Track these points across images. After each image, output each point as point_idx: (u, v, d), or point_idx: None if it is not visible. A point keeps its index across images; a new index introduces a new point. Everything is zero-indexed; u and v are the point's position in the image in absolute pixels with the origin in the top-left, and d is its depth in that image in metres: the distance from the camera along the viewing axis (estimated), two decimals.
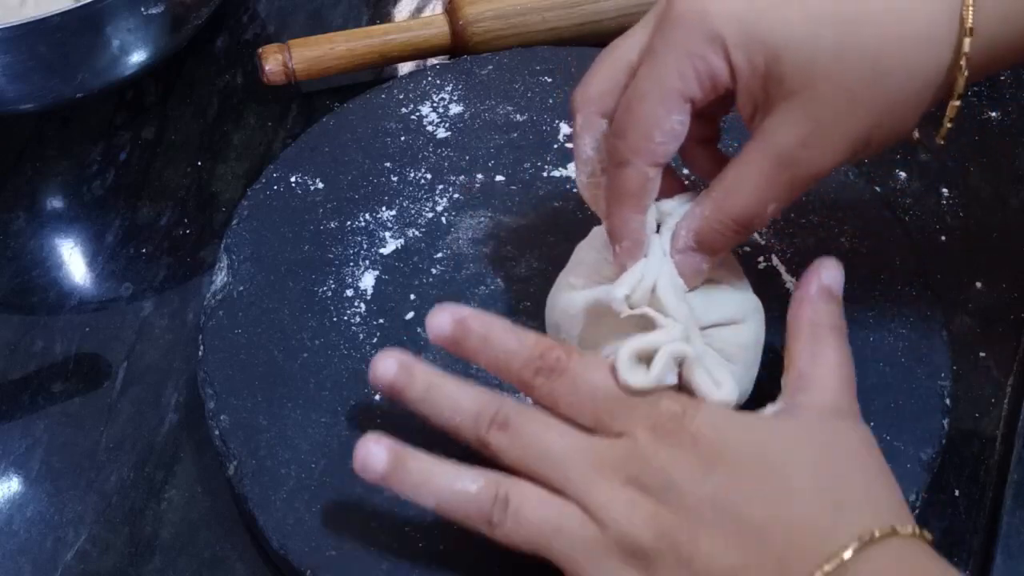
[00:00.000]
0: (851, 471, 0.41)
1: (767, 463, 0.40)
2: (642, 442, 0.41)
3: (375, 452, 0.43)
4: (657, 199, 0.46)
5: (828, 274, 0.45)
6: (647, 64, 0.43)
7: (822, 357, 0.43)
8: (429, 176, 0.59)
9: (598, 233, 0.49)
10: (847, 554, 0.38)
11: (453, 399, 0.44)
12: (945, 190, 0.62)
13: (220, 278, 0.55)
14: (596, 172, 0.47)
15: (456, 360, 0.52)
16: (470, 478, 0.43)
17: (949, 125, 0.44)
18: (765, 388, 0.46)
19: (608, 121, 0.46)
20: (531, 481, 0.43)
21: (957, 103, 0.43)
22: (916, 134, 0.44)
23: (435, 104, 0.62)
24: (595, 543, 0.41)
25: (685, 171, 0.55)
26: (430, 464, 0.43)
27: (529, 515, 0.42)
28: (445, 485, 0.43)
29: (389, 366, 0.44)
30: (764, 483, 0.40)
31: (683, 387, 0.44)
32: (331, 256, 0.56)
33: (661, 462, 0.41)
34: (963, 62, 0.41)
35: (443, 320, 0.45)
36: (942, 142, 0.45)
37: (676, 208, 0.46)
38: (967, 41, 0.41)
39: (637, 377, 0.43)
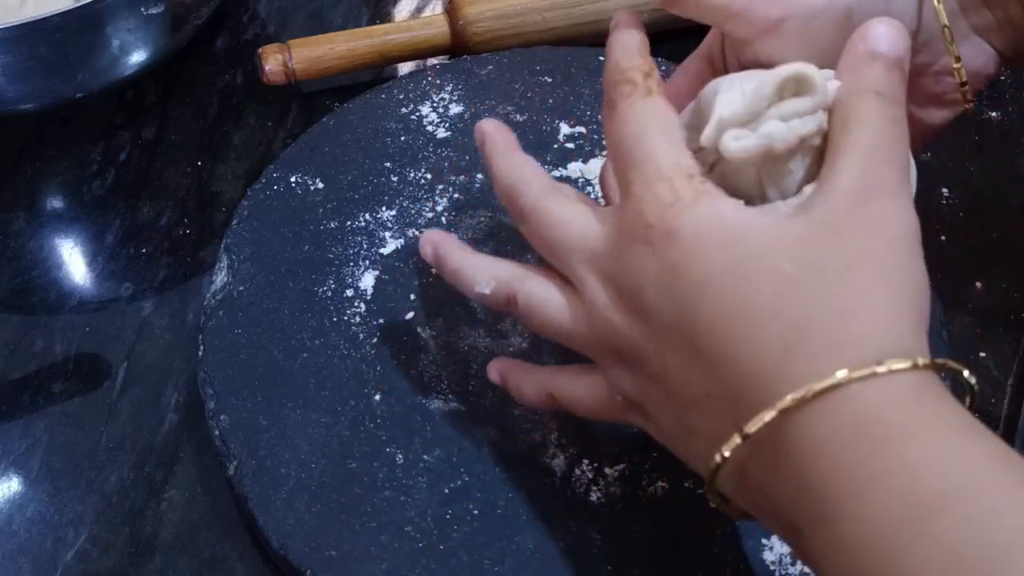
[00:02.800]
0: (839, 288, 0.36)
1: (735, 281, 0.37)
2: (625, 233, 0.40)
3: (422, 245, 0.47)
4: None
5: (876, 34, 0.39)
6: None
7: (852, 126, 0.38)
8: (429, 176, 0.59)
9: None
10: (782, 404, 0.34)
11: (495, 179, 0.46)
12: (945, 190, 0.62)
13: (220, 278, 0.55)
14: None
15: (456, 360, 0.52)
16: (484, 281, 0.45)
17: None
18: None
19: None
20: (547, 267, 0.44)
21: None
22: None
23: (435, 104, 0.62)
24: (591, 340, 0.42)
25: None
26: (458, 264, 0.46)
27: (536, 311, 0.43)
28: (467, 287, 0.46)
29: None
30: (725, 307, 0.37)
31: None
32: (331, 256, 0.56)
33: (633, 265, 0.39)
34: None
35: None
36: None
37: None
38: None
39: (737, 143, 0.38)
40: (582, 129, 0.61)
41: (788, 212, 0.38)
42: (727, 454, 0.36)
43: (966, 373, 0.36)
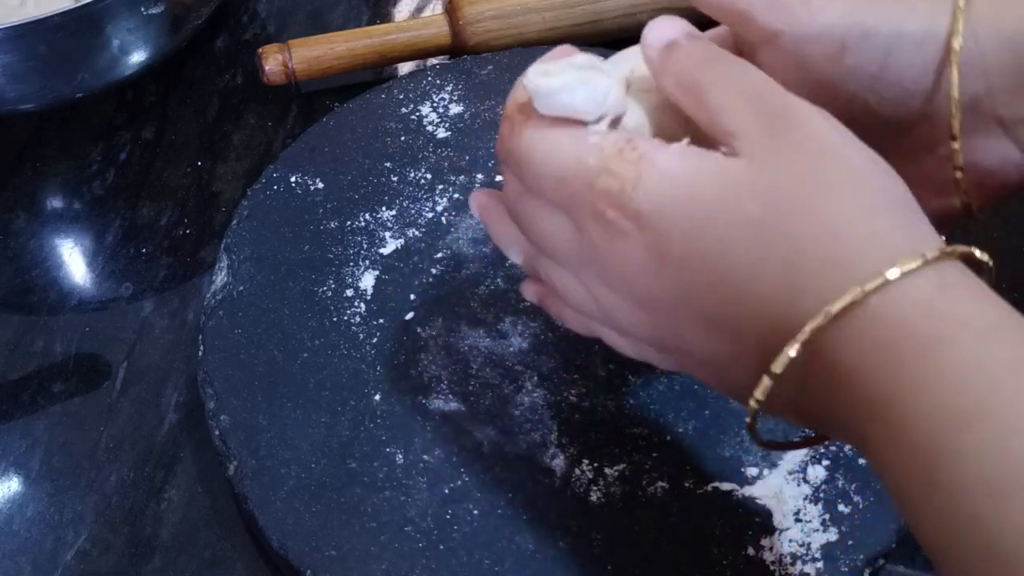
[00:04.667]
0: (813, 210, 0.35)
1: (711, 241, 0.36)
2: (594, 238, 0.38)
3: (472, 204, 0.46)
4: None
5: (656, 34, 0.40)
6: None
7: (715, 90, 0.38)
8: (429, 176, 0.59)
9: None
10: (802, 336, 0.34)
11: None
12: None
13: (220, 278, 0.55)
14: None
15: (456, 360, 0.52)
16: (515, 251, 0.44)
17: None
18: None
19: None
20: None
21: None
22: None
23: (435, 104, 0.62)
24: (610, 327, 0.41)
25: None
26: (496, 231, 0.45)
27: (557, 292, 0.43)
28: (504, 252, 0.45)
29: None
30: (716, 269, 0.36)
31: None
32: (331, 256, 0.56)
33: (616, 262, 0.38)
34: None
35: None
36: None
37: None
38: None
39: (540, 80, 0.39)
40: None
41: (719, 156, 0.37)
42: (760, 398, 0.36)
43: (978, 252, 0.35)
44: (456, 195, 0.58)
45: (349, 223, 0.57)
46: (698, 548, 0.46)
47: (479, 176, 0.59)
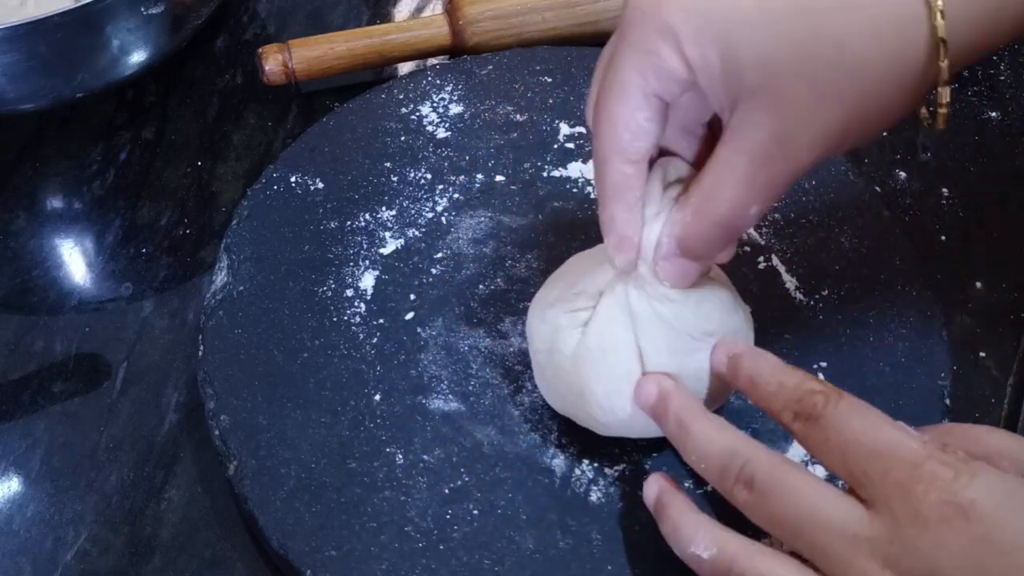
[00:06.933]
0: None
1: None
2: (908, 515, 0.37)
3: (648, 484, 0.46)
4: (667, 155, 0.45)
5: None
6: (610, 63, 0.42)
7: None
8: (429, 176, 0.59)
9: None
10: None
11: (700, 445, 0.43)
12: (945, 190, 0.62)
13: (220, 278, 0.55)
14: None
15: (456, 360, 0.52)
16: (704, 543, 0.42)
17: (944, 111, 0.41)
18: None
19: None
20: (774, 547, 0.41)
21: (946, 88, 0.40)
22: (924, 111, 0.42)
23: (435, 104, 0.62)
24: None
25: None
26: (678, 518, 0.43)
27: None
28: (683, 544, 0.43)
29: (650, 391, 0.45)
30: None
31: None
32: (331, 256, 0.56)
33: (927, 545, 0.37)
34: (941, 46, 0.39)
35: (718, 358, 0.45)
36: (942, 127, 0.42)
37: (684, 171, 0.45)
38: (941, 24, 0.38)
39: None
40: (582, 129, 0.61)
41: None
42: None
43: None
44: (456, 195, 0.58)
45: (349, 223, 0.57)
46: None
47: (479, 176, 0.59)
